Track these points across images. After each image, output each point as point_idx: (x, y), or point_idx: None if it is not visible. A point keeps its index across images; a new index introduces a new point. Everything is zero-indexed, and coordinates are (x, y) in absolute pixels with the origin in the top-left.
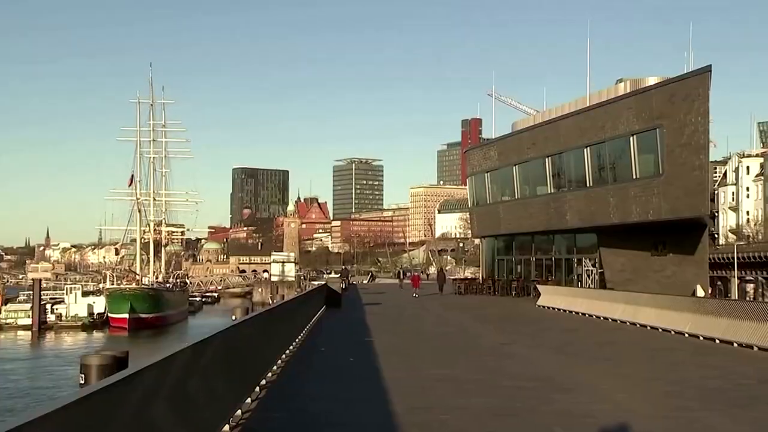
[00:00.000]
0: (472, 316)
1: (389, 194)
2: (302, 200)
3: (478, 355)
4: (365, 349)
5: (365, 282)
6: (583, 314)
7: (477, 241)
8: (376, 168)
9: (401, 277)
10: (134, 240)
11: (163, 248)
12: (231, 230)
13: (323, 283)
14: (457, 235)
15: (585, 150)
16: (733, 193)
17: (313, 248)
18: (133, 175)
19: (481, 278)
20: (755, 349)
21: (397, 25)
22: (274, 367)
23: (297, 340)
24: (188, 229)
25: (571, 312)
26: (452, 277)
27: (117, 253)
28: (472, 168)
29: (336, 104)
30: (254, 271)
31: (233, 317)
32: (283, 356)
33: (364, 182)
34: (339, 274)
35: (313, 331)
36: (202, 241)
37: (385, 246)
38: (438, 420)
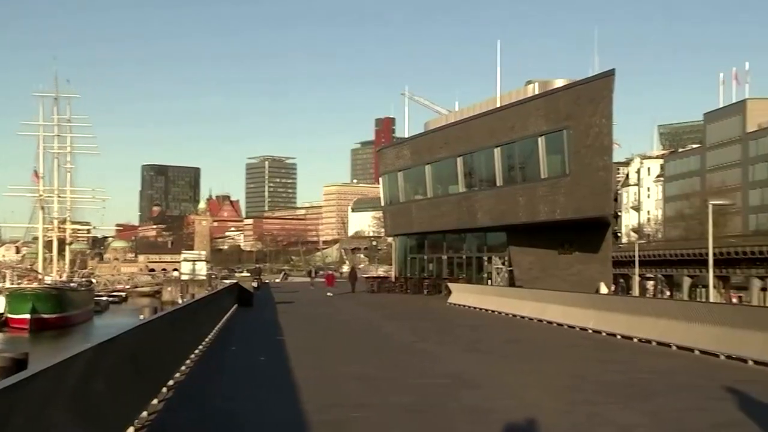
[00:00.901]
0: (384, 314)
1: (303, 192)
2: (214, 198)
3: (390, 352)
4: (277, 347)
5: (278, 281)
6: (493, 311)
7: (390, 239)
8: (289, 166)
9: (313, 275)
10: (36, 238)
11: (67, 246)
12: (140, 228)
13: (235, 281)
14: (371, 234)
15: (495, 150)
16: (635, 193)
17: (225, 247)
18: (36, 171)
19: (393, 276)
20: (653, 343)
21: (311, 23)
22: (183, 367)
23: (207, 339)
24: (94, 227)
25: (481, 309)
26: (365, 276)
27: (18, 252)
28: (386, 167)
29: (249, 102)
30: (164, 269)
31: (141, 317)
32: (192, 356)
33: (278, 180)
34: (251, 273)
35: (224, 330)
36: (110, 239)
37: (298, 244)
38: (349, 418)
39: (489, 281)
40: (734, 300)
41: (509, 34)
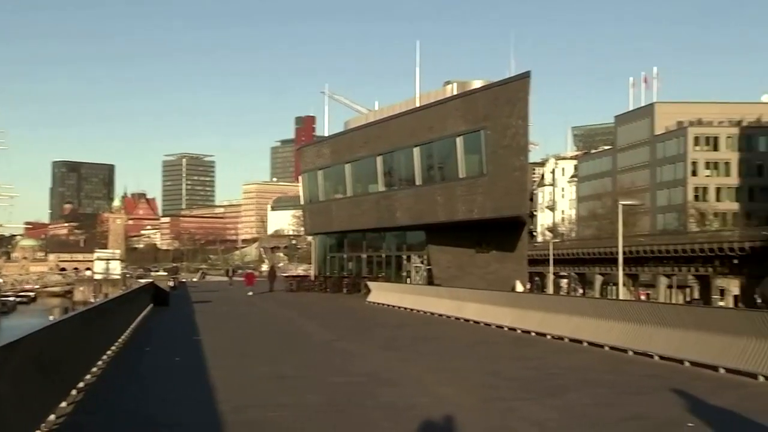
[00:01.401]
0: (303, 314)
1: (222, 191)
2: (129, 196)
3: (308, 351)
4: (193, 348)
5: (195, 280)
6: (411, 310)
7: (310, 238)
8: (207, 164)
9: (231, 274)
10: None
11: None
12: (51, 226)
13: (150, 281)
14: (290, 232)
15: (414, 149)
16: (550, 193)
17: (141, 245)
18: None
19: (313, 275)
20: (566, 340)
21: (231, 20)
22: (95, 369)
23: (120, 339)
24: (1, 225)
25: (399, 308)
26: (284, 275)
27: None
28: (306, 165)
29: (167, 100)
30: (76, 269)
31: (51, 317)
32: (105, 357)
33: (196, 178)
34: (168, 272)
35: (139, 330)
36: (17, 237)
37: (216, 243)
38: (266, 418)
39: (408, 280)
40: (642, 297)
41: (428, 34)
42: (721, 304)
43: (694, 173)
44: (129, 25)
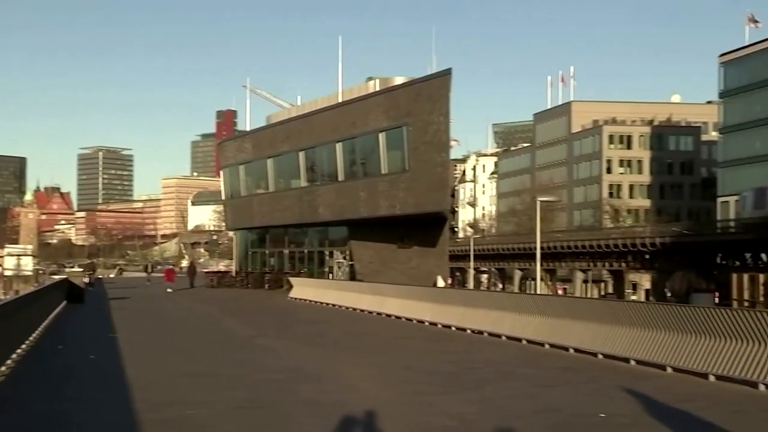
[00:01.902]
0: (223, 310)
1: (140, 185)
2: (42, 189)
3: (229, 348)
4: (109, 346)
5: (112, 276)
6: (334, 305)
7: (231, 233)
8: (125, 157)
9: (149, 270)
10: None
11: None
12: None
13: (64, 277)
14: (211, 228)
15: (337, 145)
16: (471, 189)
17: (55, 240)
18: None
19: (234, 271)
20: (486, 334)
21: (151, 14)
22: (3, 368)
23: (32, 338)
24: None
25: (322, 303)
26: (205, 271)
27: None
28: (227, 160)
29: (82, 92)
30: None
31: None
32: (14, 356)
33: (113, 172)
34: (83, 268)
35: (51, 328)
36: None
37: (134, 239)
38: (183, 416)
39: (330, 275)
40: (560, 292)
41: (351, 30)
42: (634, 297)
43: (608, 171)
44: (43, 16)
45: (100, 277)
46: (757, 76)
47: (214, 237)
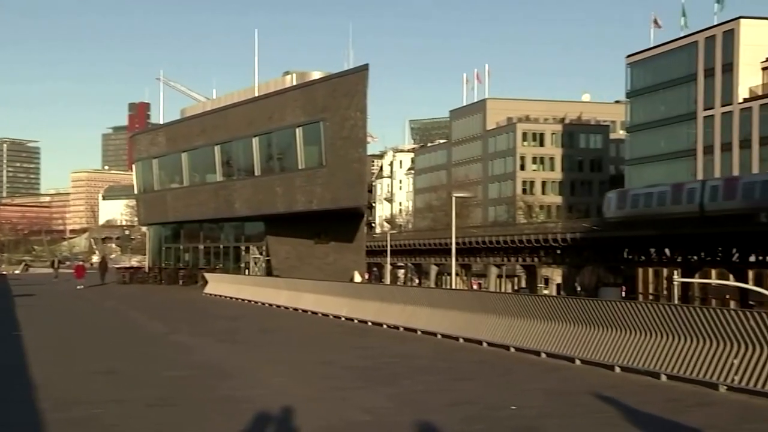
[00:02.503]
0: (136, 306)
1: (48, 179)
2: None
3: (141, 345)
4: (12, 344)
5: (18, 272)
6: (249, 301)
7: (144, 228)
8: (32, 150)
9: (57, 266)
10: None
11: None
12: None
13: None
14: (123, 223)
15: (254, 139)
16: (388, 185)
17: None
18: None
19: (147, 267)
20: (401, 329)
21: (61, 3)
22: None
23: None
24: None
25: (237, 299)
26: (117, 266)
27: None
28: (139, 153)
29: None
30: None
31: None
32: None
33: (18, 165)
34: None
35: None
36: None
37: (42, 233)
38: (91, 415)
39: (246, 271)
40: (475, 287)
41: (267, 24)
42: (546, 292)
43: (522, 167)
44: None
45: (4, 273)
46: (661, 76)
47: (127, 232)
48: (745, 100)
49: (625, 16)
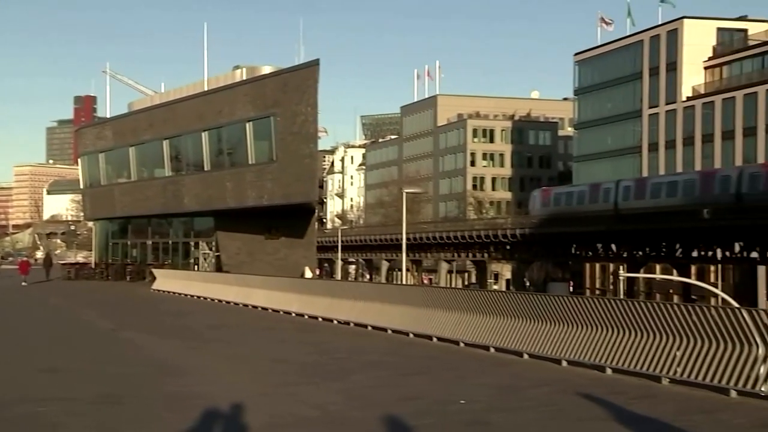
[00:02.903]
0: (82, 302)
1: None
2: None
3: (87, 342)
4: None
5: None
6: (199, 297)
7: (90, 223)
8: None
9: None
10: None
11: None
12: None
13: None
14: (69, 218)
15: (203, 134)
16: (339, 180)
17: None
18: None
19: (94, 263)
20: (351, 325)
21: None
22: None
23: None
24: None
25: (186, 295)
26: (62, 262)
27: None
28: (85, 147)
29: None
30: None
31: None
32: None
33: None
34: None
35: None
36: None
37: None
38: (35, 413)
39: (196, 267)
40: (425, 282)
41: (217, 17)
42: (495, 287)
43: (472, 163)
44: None
45: None
46: (607, 75)
47: (72, 227)
48: (688, 99)
49: (574, 15)
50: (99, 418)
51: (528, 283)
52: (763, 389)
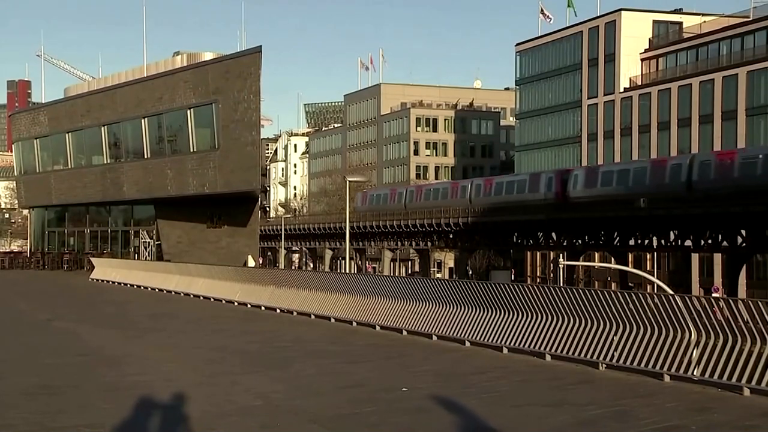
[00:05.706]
0: (16, 292)
1: None
2: None
3: (21, 332)
4: None
5: None
6: (139, 286)
7: (25, 212)
8: None
9: None
10: None
11: None
12: None
13: None
14: (2, 206)
15: (143, 120)
16: (282, 168)
17: None
18: None
19: (29, 252)
20: (295, 314)
21: None
22: None
23: None
24: None
25: (126, 284)
26: None
27: None
28: (20, 133)
29: None
30: None
31: None
32: None
33: None
34: None
35: None
36: None
37: None
38: None
39: (136, 255)
40: (369, 271)
41: (156, 1)
42: (438, 276)
43: (416, 152)
44: None
45: None
46: (548, 65)
47: (6, 215)
48: (626, 90)
49: (517, 5)
50: (34, 410)
51: (470, 272)
52: (695, 373)
